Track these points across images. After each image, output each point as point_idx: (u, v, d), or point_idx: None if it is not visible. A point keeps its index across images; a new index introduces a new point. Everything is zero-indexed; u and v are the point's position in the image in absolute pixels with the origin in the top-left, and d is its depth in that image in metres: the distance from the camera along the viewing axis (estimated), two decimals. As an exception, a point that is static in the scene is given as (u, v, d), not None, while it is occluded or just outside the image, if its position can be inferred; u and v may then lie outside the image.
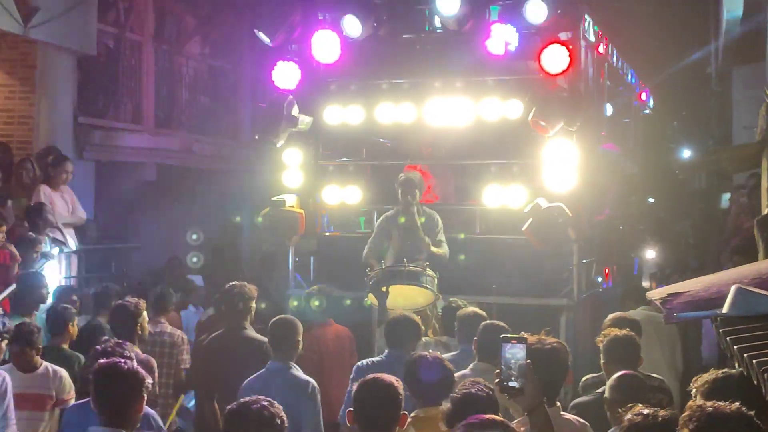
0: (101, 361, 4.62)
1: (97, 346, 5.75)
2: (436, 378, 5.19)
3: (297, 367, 6.44)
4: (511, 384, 3.59)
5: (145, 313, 7.08)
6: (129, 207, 13.99)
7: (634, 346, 5.98)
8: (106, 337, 6.55)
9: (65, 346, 7.32)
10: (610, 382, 5.33)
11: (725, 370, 3.91)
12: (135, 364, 4.63)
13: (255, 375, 6.46)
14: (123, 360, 4.59)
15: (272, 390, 6.05)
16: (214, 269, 13.38)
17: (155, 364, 6.83)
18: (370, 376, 4.51)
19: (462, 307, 7.54)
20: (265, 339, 7.07)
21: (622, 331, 6.03)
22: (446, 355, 6.72)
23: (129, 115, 13.71)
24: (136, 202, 14.00)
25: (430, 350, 6.02)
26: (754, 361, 3.28)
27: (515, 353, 3.60)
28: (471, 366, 6.20)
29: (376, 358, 6.76)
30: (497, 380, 3.63)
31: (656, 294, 4.25)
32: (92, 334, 7.66)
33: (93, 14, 12.16)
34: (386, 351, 6.65)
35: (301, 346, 6.60)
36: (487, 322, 6.52)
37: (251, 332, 7.19)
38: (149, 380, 4.52)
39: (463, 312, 7.08)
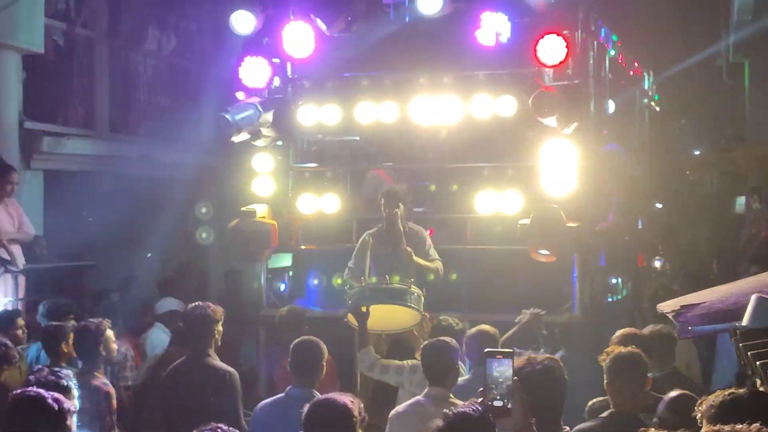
0: (16, 392, 4.57)
1: (30, 376, 5.69)
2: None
3: (319, 395, 6.37)
4: (496, 404, 3.58)
5: (109, 333, 7.24)
6: (82, 221, 13.87)
7: (641, 364, 5.94)
8: (39, 366, 6.53)
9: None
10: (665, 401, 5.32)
11: (731, 390, 3.87)
12: (55, 395, 4.51)
13: (271, 400, 6.46)
14: (36, 391, 4.49)
15: (293, 419, 5.97)
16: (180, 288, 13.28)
17: (113, 392, 7.01)
18: (322, 396, 4.53)
19: (454, 326, 7.53)
20: (230, 368, 7.00)
21: (627, 348, 6.00)
22: (461, 380, 6.73)
23: (81, 120, 13.62)
24: (91, 216, 13.88)
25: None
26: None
27: (503, 371, 3.60)
28: (424, 392, 6.24)
29: (461, 380, 6.72)
30: (481, 399, 3.62)
31: (668, 306, 4.22)
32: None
33: (40, 8, 12.08)
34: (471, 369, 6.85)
35: (324, 372, 6.56)
36: (429, 341, 6.57)
37: (215, 360, 7.08)
38: (73, 409, 4.49)
39: (470, 332, 7.13)
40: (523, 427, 3.62)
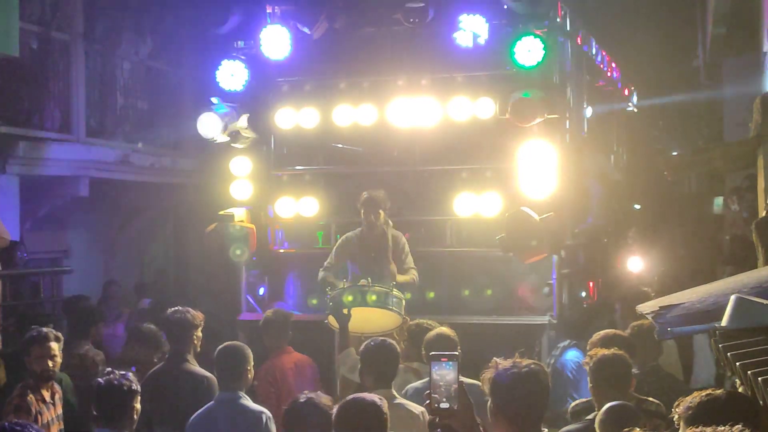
0: None
1: (99, 378, 5.71)
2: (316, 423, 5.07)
3: (247, 397, 6.42)
4: (443, 406, 3.66)
5: (54, 345, 6.86)
6: (59, 226, 13.78)
7: (625, 366, 5.95)
8: (109, 369, 6.35)
9: None
10: (600, 414, 5.28)
11: (709, 391, 3.86)
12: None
13: (203, 408, 6.43)
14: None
15: (220, 423, 6.02)
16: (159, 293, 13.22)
17: None
18: (351, 396, 4.53)
19: (432, 329, 7.50)
20: (209, 374, 6.98)
21: (610, 351, 6.00)
22: (418, 383, 6.69)
23: (57, 124, 13.51)
24: (67, 221, 13.79)
25: None
26: (759, 379, 3.25)
27: (444, 374, 3.66)
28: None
29: (418, 383, 6.67)
30: (427, 402, 3.66)
31: (647, 307, 4.22)
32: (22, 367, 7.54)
33: (14, 11, 11.97)
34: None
35: (251, 376, 6.59)
36: (372, 340, 6.54)
37: (193, 366, 7.06)
38: None
39: (430, 335, 7.04)
40: (470, 427, 3.69)
